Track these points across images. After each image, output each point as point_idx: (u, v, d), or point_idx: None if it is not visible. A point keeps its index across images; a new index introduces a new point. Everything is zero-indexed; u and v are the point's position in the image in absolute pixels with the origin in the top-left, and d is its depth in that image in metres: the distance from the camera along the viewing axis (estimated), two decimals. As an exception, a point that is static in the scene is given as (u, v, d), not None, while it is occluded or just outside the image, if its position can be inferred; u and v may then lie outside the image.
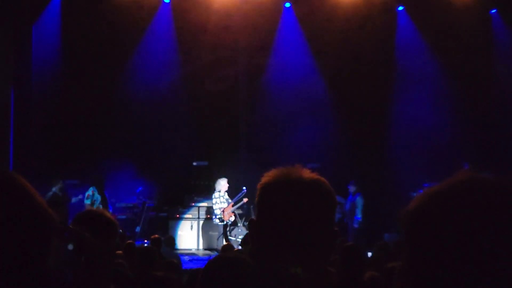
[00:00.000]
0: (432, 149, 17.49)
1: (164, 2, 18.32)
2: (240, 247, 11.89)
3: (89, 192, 14.74)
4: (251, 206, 16.23)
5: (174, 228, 16.66)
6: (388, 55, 18.71)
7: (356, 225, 16.35)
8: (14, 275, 1.27)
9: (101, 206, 14.71)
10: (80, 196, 15.72)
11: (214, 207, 15.96)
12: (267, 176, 1.83)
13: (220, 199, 16.00)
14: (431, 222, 1.31)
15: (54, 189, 15.05)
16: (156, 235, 11.68)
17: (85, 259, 1.50)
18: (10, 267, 1.27)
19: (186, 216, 16.90)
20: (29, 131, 17.06)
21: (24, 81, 16.87)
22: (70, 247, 1.49)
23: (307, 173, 1.83)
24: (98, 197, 14.73)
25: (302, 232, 1.72)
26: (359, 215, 16.39)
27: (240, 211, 16.42)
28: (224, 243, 15.46)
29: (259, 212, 1.84)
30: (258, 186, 1.84)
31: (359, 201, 16.39)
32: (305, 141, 17.94)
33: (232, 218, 15.99)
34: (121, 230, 15.33)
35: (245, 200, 15.91)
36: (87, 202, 14.62)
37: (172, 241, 12.05)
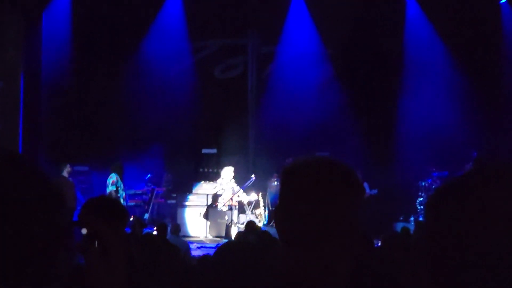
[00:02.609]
0: (441, 139, 17.43)
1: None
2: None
3: (113, 178, 14.58)
4: (260, 194, 16.27)
5: (183, 216, 16.67)
6: (397, 45, 18.65)
7: None
8: (27, 260, 1.28)
9: (124, 193, 14.69)
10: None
11: (218, 193, 16.14)
12: (291, 163, 1.79)
13: (223, 185, 16.10)
14: (450, 210, 1.29)
15: (63, 173, 15.00)
16: (162, 222, 11.72)
17: (99, 245, 1.50)
18: (23, 251, 1.27)
19: (195, 203, 16.91)
20: (38, 117, 17.12)
21: (34, 67, 16.91)
22: (84, 231, 1.49)
23: (333, 161, 1.76)
24: (121, 184, 14.69)
25: (323, 219, 1.67)
26: None
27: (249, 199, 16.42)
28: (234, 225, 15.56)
29: (281, 199, 1.77)
30: (281, 172, 1.79)
31: None
32: (314, 129, 17.93)
33: (235, 203, 16.11)
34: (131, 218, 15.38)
35: (254, 196, 16.05)
36: (113, 188, 14.50)
37: (177, 228, 12.09)
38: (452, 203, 1.30)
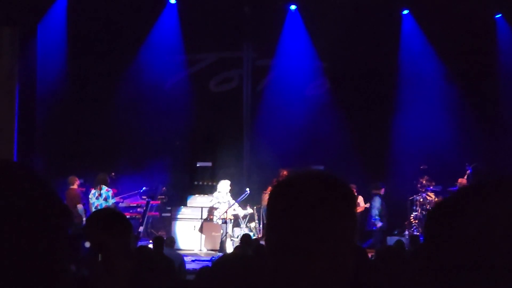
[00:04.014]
0: (435, 153, 17.44)
1: (169, 3, 18.35)
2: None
3: (111, 191, 14.47)
4: (254, 207, 16.25)
5: (177, 229, 16.63)
6: (393, 59, 18.69)
7: None
8: (31, 273, 1.29)
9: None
10: None
11: (214, 206, 16.13)
12: (280, 179, 1.74)
13: (219, 199, 16.08)
14: (448, 224, 1.30)
15: (73, 185, 14.89)
16: (158, 235, 11.68)
17: (102, 257, 1.51)
18: (27, 263, 1.28)
19: (189, 216, 16.87)
20: (33, 129, 17.12)
21: (29, 80, 16.93)
22: (87, 244, 1.50)
23: (324, 174, 1.71)
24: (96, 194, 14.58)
25: (315, 233, 1.61)
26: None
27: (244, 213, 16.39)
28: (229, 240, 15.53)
29: (269, 218, 1.72)
30: (270, 189, 1.73)
31: None
32: (309, 143, 17.94)
33: (231, 216, 16.08)
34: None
35: (249, 209, 16.06)
36: (113, 201, 14.39)
37: (172, 241, 12.09)
38: (452, 218, 1.30)
